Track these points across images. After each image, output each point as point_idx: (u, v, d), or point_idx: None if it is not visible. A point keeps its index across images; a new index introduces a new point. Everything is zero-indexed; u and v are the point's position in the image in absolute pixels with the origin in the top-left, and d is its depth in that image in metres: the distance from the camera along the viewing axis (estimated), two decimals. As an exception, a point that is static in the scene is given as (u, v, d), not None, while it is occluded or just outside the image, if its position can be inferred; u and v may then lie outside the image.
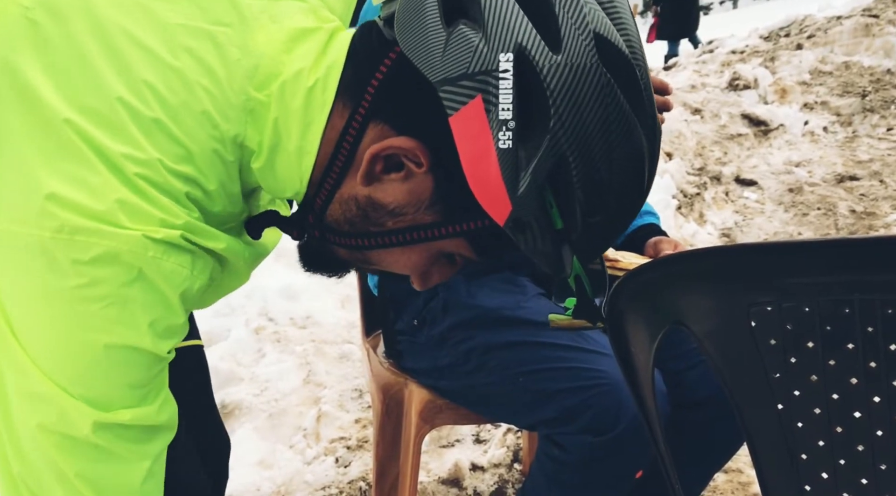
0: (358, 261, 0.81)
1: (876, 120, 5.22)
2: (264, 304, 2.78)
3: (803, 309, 0.61)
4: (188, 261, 0.71)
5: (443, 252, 0.77)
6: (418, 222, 0.74)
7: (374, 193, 0.74)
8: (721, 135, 4.93)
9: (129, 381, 0.70)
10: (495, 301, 1.27)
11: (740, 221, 3.99)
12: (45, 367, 0.66)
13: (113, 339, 0.67)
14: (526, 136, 0.65)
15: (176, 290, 0.70)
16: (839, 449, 0.63)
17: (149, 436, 0.73)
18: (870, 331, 0.59)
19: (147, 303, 0.68)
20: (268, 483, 2.06)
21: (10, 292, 0.66)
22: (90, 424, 0.67)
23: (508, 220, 0.68)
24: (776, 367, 0.64)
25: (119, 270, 0.66)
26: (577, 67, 0.64)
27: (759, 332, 0.64)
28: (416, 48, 0.68)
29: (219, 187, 0.74)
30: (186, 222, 0.70)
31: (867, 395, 0.60)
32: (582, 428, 1.12)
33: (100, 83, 0.68)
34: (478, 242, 0.75)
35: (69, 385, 0.66)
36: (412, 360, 1.37)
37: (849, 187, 4.31)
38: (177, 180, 0.69)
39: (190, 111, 0.70)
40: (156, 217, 0.67)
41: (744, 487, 1.95)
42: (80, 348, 0.66)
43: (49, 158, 0.65)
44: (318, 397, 2.41)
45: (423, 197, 0.72)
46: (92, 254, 0.65)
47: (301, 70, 0.74)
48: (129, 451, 0.71)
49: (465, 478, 2.04)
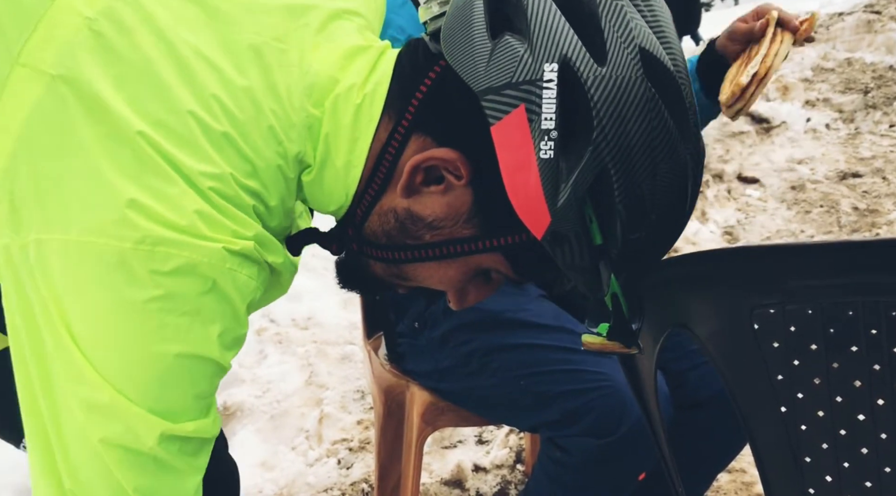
0: (393, 277, 0.81)
1: (878, 116, 5.20)
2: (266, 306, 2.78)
3: (806, 311, 0.61)
4: (256, 273, 0.72)
5: (480, 268, 0.77)
6: (456, 236, 0.73)
7: (413, 206, 0.74)
8: (723, 132, 4.92)
9: (195, 392, 0.70)
10: (496, 303, 1.26)
11: (743, 219, 3.98)
12: (114, 380, 0.66)
13: (184, 349, 0.67)
14: (568, 147, 0.64)
15: (245, 301, 0.71)
16: (843, 451, 0.63)
17: (202, 448, 0.74)
18: (874, 334, 0.59)
19: (218, 314, 0.69)
20: (270, 485, 2.06)
21: (77, 306, 0.65)
22: (157, 436, 0.67)
23: (546, 233, 0.67)
24: (779, 370, 0.64)
25: (195, 281, 0.66)
26: (621, 80, 0.64)
27: (762, 335, 0.63)
28: (461, 59, 0.68)
29: (279, 203, 0.75)
30: (257, 233, 0.71)
31: (871, 398, 0.60)
32: (584, 430, 1.11)
33: (170, 96, 0.68)
34: (515, 259, 0.74)
35: (139, 397, 0.66)
36: (413, 362, 1.37)
37: (851, 184, 4.29)
38: (246, 194, 0.70)
39: (257, 127, 0.71)
40: (230, 229, 0.68)
41: (747, 487, 1.94)
42: (151, 359, 0.66)
43: (125, 168, 0.65)
44: (320, 399, 2.41)
45: (461, 210, 0.72)
46: (172, 265, 0.65)
47: (352, 86, 0.75)
48: (187, 465, 0.72)
49: (467, 480, 2.04)
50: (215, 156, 0.68)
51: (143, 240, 0.64)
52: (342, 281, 0.86)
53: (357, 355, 2.61)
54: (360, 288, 0.87)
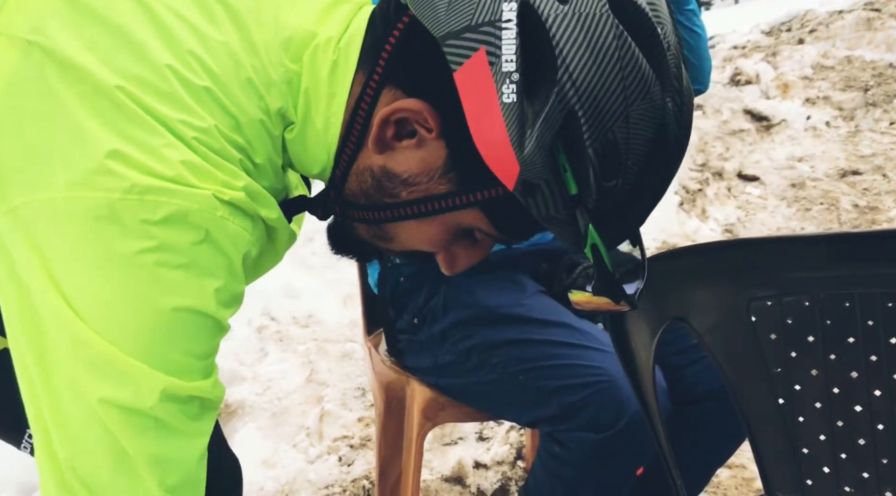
0: (377, 239, 0.80)
1: (878, 114, 5.20)
2: (266, 303, 2.78)
3: (804, 303, 0.61)
4: (249, 226, 0.70)
5: (460, 226, 0.75)
6: (432, 192, 0.72)
7: (388, 163, 0.73)
8: (723, 130, 4.92)
9: (194, 350, 0.68)
10: (495, 299, 1.27)
11: (743, 217, 3.98)
12: (112, 337, 0.64)
13: (181, 302, 0.65)
14: (532, 90, 0.62)
15: (239, 253, 0.70)
16: (840, 443, 0.63)
17: (205, 412, 0.71)
18: (870, 325, 0.59)
19: (213, 267, 0.67)
20: (271, 482, 2.06)
21: (68, 265, 0.63)
22: (158, 394, 0.65)
23: (518, 183, 0.65)
24: (777, 362, 0.64)
25: (187, 231, 0.65)
26: (585, 16, 0.61)
27: (759, 327, 0.63)
28: (423, 6, 0.67)
29: (266, 161, 0.74)
30: (247, 184, 0.69)
31: (868, 389, 0.60)
32: (582, 425, 1.11)
33: (147, 53, 0.67)
34: (494, 214, 0.72)
35: (138, 352, 0.64)
36: (413, 359, 1.37)
37: (851, 182, 4.29)
38: (232, 148, 0.69)
39: (237, 81, 0.70)
40: (219, 179, 0.67)
41: (747, 483, 1.95)
42: (148, 313, 0.64)
43: (106, 120, 0.64)
44: (320, 396, 2.41)
45: (436, 165, 0.71)
46: (162, 213, 0.63)
47: (329, 39, 0.73)
48: (189, 427, 0.69)
49: (468, 476, 2.04)
50: (198, 109, 0.67)
51: (131, 189, 0.63)
52: (334, 246, 0.84)
53: (357, 353, 2.62)
54: (352, 253, 0.85)
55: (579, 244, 0.68)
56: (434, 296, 1.33)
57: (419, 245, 0.78)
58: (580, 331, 1.19)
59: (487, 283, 1.31)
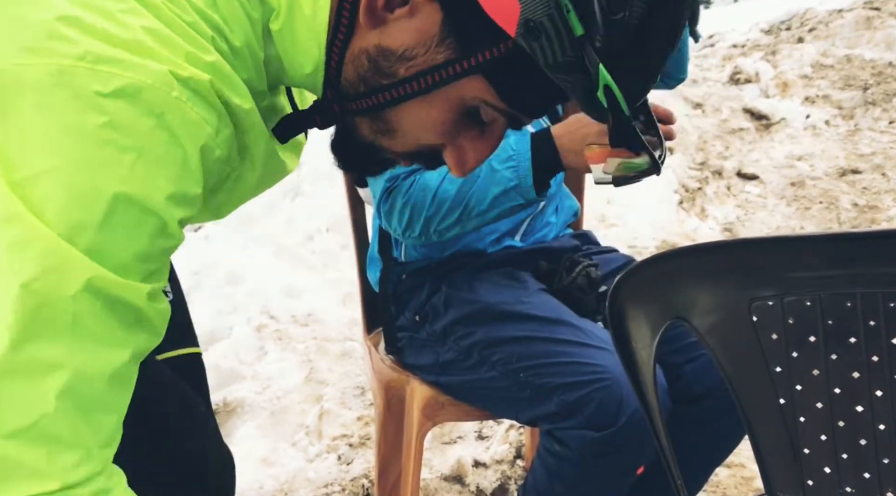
0: (381, 136, 0.75)
1: (878, 113, 5.20)
2: (266, 302, 2.78)
3: (805, 303, 0.61)
4: (214, 119, 0.66)
5: (464, 103, 0.72)
6: (431, 63, 0.69)
7: (383, 40, 0.70)
8: (722, 129, 4.93)
9: (132, 247, 0.62)
10: (497, 296, 1.27)
11: (742, 216, 3.98)
12: (45, 213, 0.58)
13: (124, 189, 0.60)
14: None
15: (196, 146, 0.64)
16: (842, 443, 0.63)
17: (135, 323, 0.64)
18: (872, 325, 0.59)
19: (166, 158, 0.62)
20: (270, 481, 2.06)
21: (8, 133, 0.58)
22: (83, 282, 0.59)
23: (519, 26, 0.62)
24: (778, 362, 0.64)
25: (140, 111, 0.60)
26: None
27: (760, 327, 0.63)
28: None
29: (244, 46, 0.70)
30: (216, 62, 0.65)
31: (869, 389, 0.60)
32: (582, 423, 1.12)
33: None
34: (498, 80, 0.69)
35: (70, 232, 0.59)
36: (414, 356, 1.37)
37: (851, 181, 4.30)
38: (205, 23, 0.65)
39: None
40: (183, 50, 0.62)
41: (747, 482, 1.95)
42: (88, 193, 0.59)
43: None
44: (320, 395, 2.41)
45: (431, 32, 0.68)
46: (114, 85, 0.59)
47: None
48: (109, 333, 0.62)
49: (467, 475, 2.04)
50: None
51: (83, 56, 0.58)
52: (340, 161, 0.81)
53: (357, 352, 2.62)
54: (358, 163, 0.82)
55: (591, 93, 0.65)
56: (436, 293, 1.33)
57: (424, 135, 0.74)
58: (581, 330, 1.19)
59: (489, 281, 1.32)
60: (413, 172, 1.24)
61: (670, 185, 3.85)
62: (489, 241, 1.38)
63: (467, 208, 1.21)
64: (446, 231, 1.25)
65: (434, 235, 1.25)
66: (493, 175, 1.19)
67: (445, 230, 1.24)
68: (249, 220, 3.53)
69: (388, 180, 1.25)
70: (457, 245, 1.36)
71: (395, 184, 1.25)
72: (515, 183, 1.18)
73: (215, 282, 2.92)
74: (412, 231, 1.25)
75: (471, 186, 1.20)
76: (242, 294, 2.81)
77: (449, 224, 1.23)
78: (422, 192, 1.23)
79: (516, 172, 1.18)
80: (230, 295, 2.82)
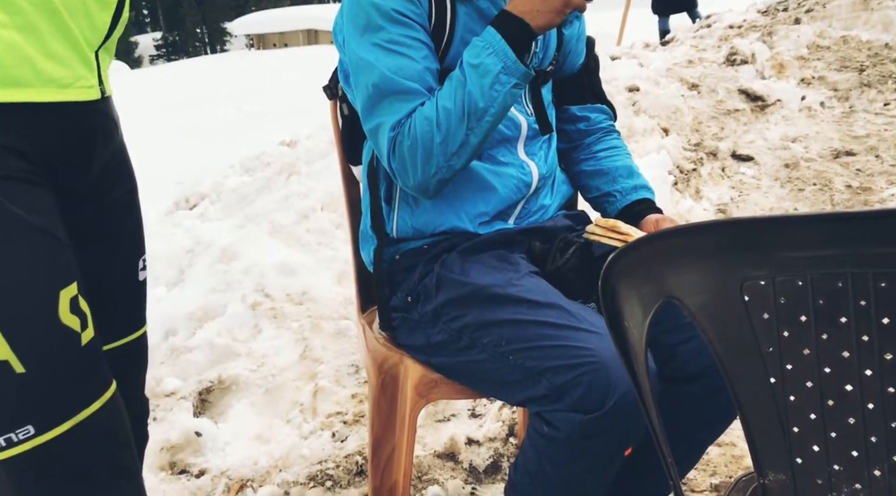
0: None
1: (873, 95, 5.20)
2: (260, 280, 2.78)
3: (796, 283, 0.62)
4: None
5: None
6: None
7: None
8: (718, 110, 4.92)
9: None
10: (487, 278, 1.27)
11: (736, 197, 3.98)
12: None
13: None
14: None
15: None
16: (831, 422, 0.64)
17: None
18: (863, 305, 0.59)
19: None
20: (265, 457, 2.07)
21: None
22: None
23: None
24: (769, 341, 0.64)
25: None
26: None
27: (752, 307, 0.64)
28: None
29: None
30: None
31: (859, 369, 0.61)
32: (571, 406, 1.12)
33: None
34: None
35: None
36: (406, 337, 1.38)
37: (845, 162, 4.30)
38: None
39: None
40: None
41: (737, 460, 1.97)
42: None
43: None
44: (314, 373, 2.42)
45: None
46: None
47: None
48: None
49: (460, 452, 2.06)
50: None
51: None
52: None
53: (351, 330, 2.62)
54: None
55: None
56: (428, 274, 1.33)
57: None
58: (571, 313, 1.20)
59: (481, 263, 1.32)
60: (410, 114, 1.26)
61: (665, 165, 3.85)
62: (479, 223, 1.37)
63: (472, 112, 1.23)
64: (463, 151, 1.25)
65: (455, 161, 1.26)
66: (478, 69, 1.23)
67: (461, 150, 1.25)
68: (244, 199, 3.53)
69: (391, 129, 1.27)
70: (448, 223, 1.36)
71: (398, 130, 1.26)
72: (501, 64, 1.23)
73: (209, 259, 2.92)
74: (429, 169, 1.26)
75: (464, 92, 1.23)
76: (237, 272, 2.81)
77: (462, 140, 1.24)
78: (424, 122, 1.24)
79: (496, 55, 1.23)
80: (224, 272, 2.82)
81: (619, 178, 1.50)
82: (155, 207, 3.67)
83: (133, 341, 1.23)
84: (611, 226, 1.29)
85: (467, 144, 1.25)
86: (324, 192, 3.27)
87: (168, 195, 3.89)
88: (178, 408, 2.22)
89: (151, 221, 3.00)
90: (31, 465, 0.91)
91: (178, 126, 8.39)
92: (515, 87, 1.24)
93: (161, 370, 2.38)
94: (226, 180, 3.84)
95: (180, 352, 2.47)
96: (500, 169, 1.38)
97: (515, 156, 1.40)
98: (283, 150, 4.06)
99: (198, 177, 4.00)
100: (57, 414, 0.92)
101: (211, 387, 2.35)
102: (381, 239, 1.40)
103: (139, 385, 1.29)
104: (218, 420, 2.24)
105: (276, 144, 4.37)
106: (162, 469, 2.04)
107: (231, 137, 7.29)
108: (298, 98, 8.13)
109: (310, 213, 3.19)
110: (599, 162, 1.52)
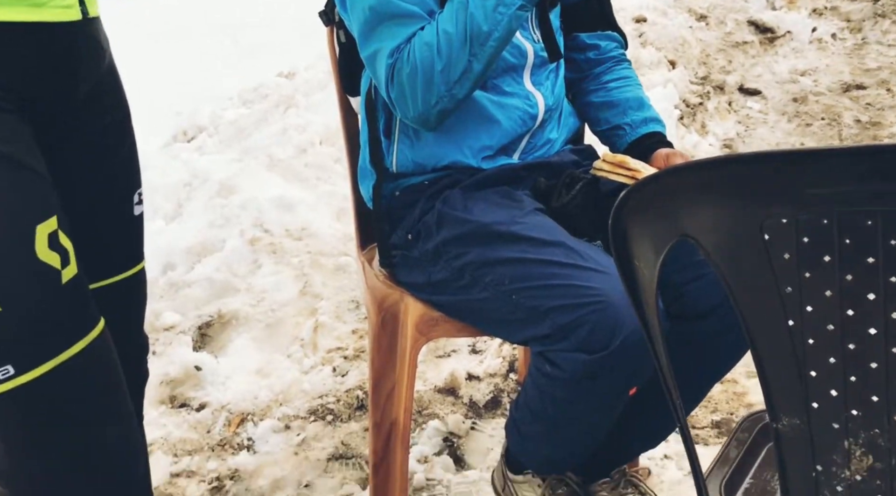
0: None
1: (887, 26, 5.06)
2: (259, 215, 2.75)
3: (822, 221, 0.58)
4: None
5: None
6: None
7: None
8: (726, 42, 4.80)
9: None
10: (490, 215, 1.23)
11: (742, 132, 3.92)
12: None
13: None
14: None
15: None
16: (851, 366, 0.61)
17: None
18: (892, 245, 0.56)
19: None
20: (265, 391, 2.07)
21: None
22: None
23: None
24: (789, 282, 0.61)
25: None
26: None
27: (772, 246, 0.60)
28: None
29: None
30: None
31: (885, 312, 0.58)
32: (575, 345, 1.10)
33: None
34: None
35: None
36: (406, 275, 1.35)
37: (854, 96, 4.21)
38: None
39: None
40: None
41: (738, 397, 1.97)
42: None
43: None
44: (314, 308, 2.41)
45: None
46: None
47: None
48: None
49: (461, 388, 2.06)
50: None
51: None
52: None
53: (351, 266, 2.60)
54: None
55: None
56: (429, 211, 1.30)
57: None
58: (576, 252, 1.16)
59: (484, 199, 1.28)
60: (409, 39, 1.20)
61: (671, 99, 3.77)
62: (483, 157, 1.33)
63: (475, 37, 1.17)
64: (465, 79, 1.20)
65: (458, 89, 1.20)
66: None
67: (464, 77, 1.19)
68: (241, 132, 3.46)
69: (389, 56, 1.21)
70: (449, 157, 1.32)
71: (396, 56, 1.21)
72: None
73: (207, 193, 2.88)
74: (430, 98, 1.20)
75: (466, 14, 1.17)
76: (235, 206, 2.78)
77: (464, 67, 1.18)
78: (424, 47, 1.18)
79: None
80: (222, 206, 2.78)
81: (629, 110, 1.45)
82: (152, 140, 3.61)
83: (131, 276, 1.20)
84: (619, 161, 1.25)
85: (470, 71, 1.19)
86: (322, 125, 3.20)
87: (166, 128, 3.82)
88: (178, 342, 2.21)
89: (149, 154, 2.93)
90: (12, 407, 0.88)
91: (176, 57, 8.22)
92: (521, 9, 1.17)
93: (160, 304, 2.37)
94: (224, 113, 3.76)
95: (179, 287, 2.45)
96: (505, 100, 1.32)
97: (521, 85, 1.34)
98: (280, 82, 3.96)
99: (196, 107, 3.92)
100: (37, 354, 0.88)
101: (210, 322, 2.34)
102: (380, 174, 1.36)
103: (139, 321, 1.26)
104: (218, 354, 2.24)
105: (273, 75, 4.27)
106: (162, 402, 2.04)
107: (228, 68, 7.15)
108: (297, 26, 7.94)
109: (308, 147, 3.13)
110: (609, 93, 1.47)
